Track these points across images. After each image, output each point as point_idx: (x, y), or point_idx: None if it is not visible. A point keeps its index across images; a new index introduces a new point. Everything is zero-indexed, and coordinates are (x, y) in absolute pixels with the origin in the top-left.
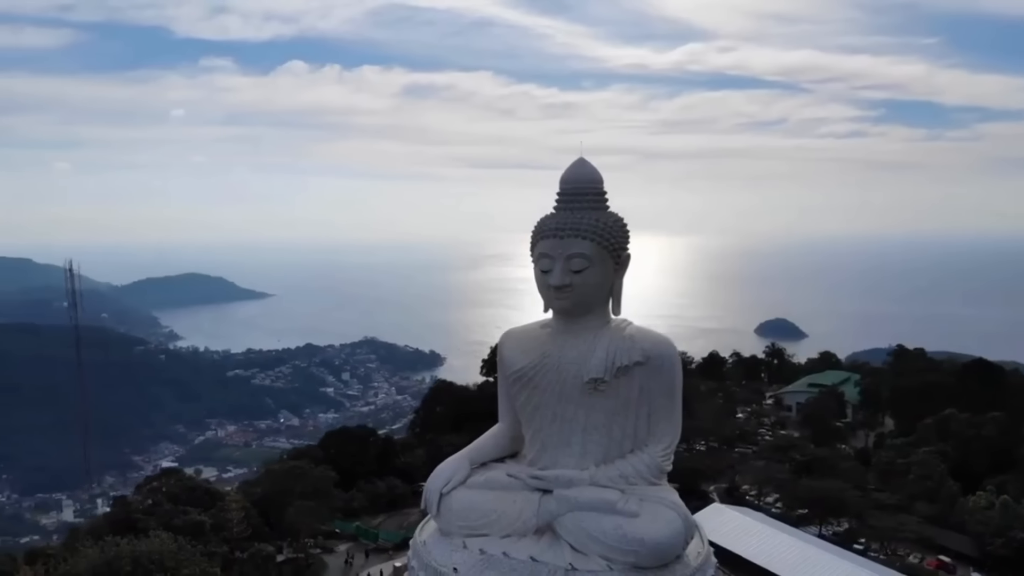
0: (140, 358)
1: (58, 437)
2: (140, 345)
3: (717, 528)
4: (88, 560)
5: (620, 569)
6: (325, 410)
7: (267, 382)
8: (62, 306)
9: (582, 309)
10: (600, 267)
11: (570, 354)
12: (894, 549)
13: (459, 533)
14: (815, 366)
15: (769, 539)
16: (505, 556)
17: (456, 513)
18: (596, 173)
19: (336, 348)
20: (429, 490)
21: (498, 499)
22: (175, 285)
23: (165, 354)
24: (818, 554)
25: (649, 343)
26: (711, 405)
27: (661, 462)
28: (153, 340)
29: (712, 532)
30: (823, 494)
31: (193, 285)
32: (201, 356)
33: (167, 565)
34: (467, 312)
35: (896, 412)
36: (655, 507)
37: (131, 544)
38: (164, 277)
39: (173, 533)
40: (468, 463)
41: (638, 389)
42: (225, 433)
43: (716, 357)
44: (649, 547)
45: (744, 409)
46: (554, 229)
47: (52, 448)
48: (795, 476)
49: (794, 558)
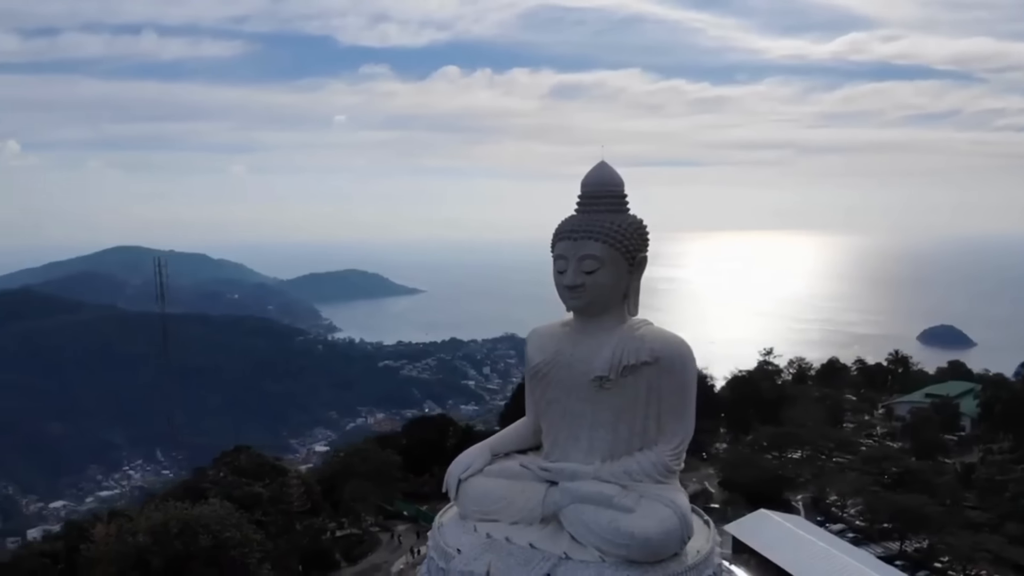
0: (300, 347)
1: (222, 417)
2: (300, 335)
3: (753, 533)
4: (148, 521)
5: (613, 561)
6: (466, 402)
7: (414, 373)
8: (233, 298)
9: (596, 309)
10: (612, 268)
11: (581, 352)
12: (972, 569)
13: (474, 517)
14: (943, 376)
15: (803, 547)
16: (507, 541)
17: (472, 499)
18: (616, 177)
19: (478, 343)
20: (449, 475)
21: (510, 487)
22: (336, 280)
23: (323, 344)
24: (850, 566)
25: (659, 343)
26: (814, 413)
27: (669, 461)
28: (313, 331)
29: (748, 537)
30: (904, 508)
31: (352, 280)
32: (355, 347)
33: (212, 528)
34: None
35: (1012, 428)
36: (652, 504)
37: (186, 509)
38: (326, 273)
39: (231, 502)
40: (489, 452)
41: (646, 388)
42: (374, 420)
43: (836, 364)
44: (639, 541)
45: (855, 418)
46: (569, 231)
47: (217, 427)
48: (885, 489)
49: (821, 568)
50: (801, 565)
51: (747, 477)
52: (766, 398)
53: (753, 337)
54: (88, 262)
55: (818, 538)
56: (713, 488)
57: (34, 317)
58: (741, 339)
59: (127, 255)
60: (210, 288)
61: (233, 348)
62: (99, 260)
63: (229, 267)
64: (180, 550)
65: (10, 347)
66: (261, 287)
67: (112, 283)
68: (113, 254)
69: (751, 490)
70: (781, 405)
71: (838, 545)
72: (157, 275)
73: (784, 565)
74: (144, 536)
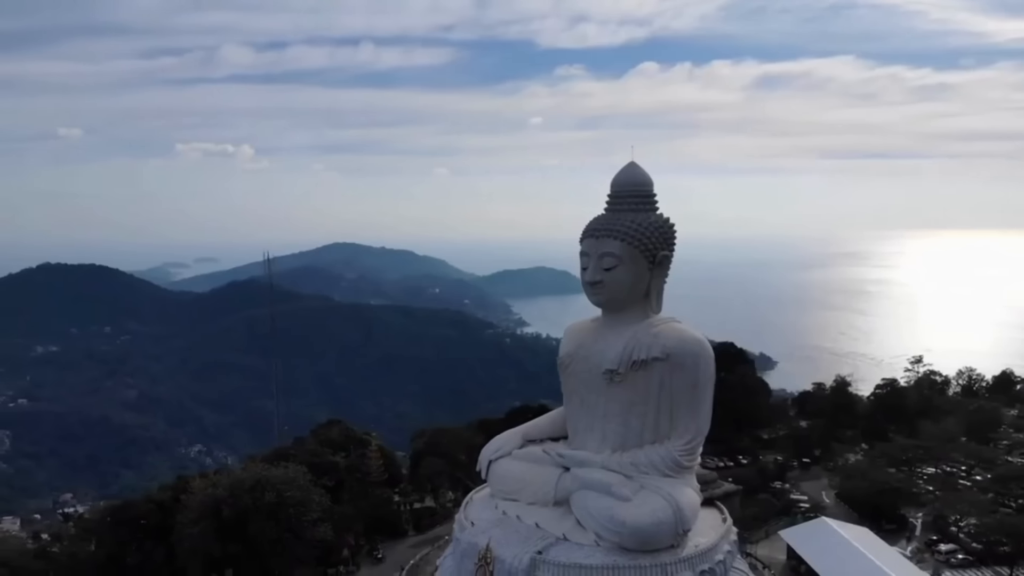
0: (490, 340)
1: (417, 402)
2: (490, 329)
3: (806, 540)
4: (231, 479)
5: (607, 546)
6: None
7: None
8: (434, 292)
9: (617, 305)
10: (631, 266)
11: (598, 346)
12: None
13: (499, 496)
14: None
15: (847, 559)
16: (517, 519)
17: (498, 478)
18: (643, 177)
19: None
20: (482, 457)
21: (529, 470)
22: (527, 277)
23: (510, 338)
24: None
25: (673, 341)
26: (961, 427)
27: (679, 456)
28: (502, 325)
29: (800, 543)
30: (1018, 532)
31: (541, 277)
32: (541, 342)
33: (278, 487)
34: (808, 315)
35: None
36: (649, 495)
37: (264, 470)
38: (518, 269)
39: (309, 468)
40: (520, 438)
41: (658, 384)
42: None
43: (1011, 377)
44: (630, 530)
45: (1014, 436)
46: (592, 229)
47: (416, 411)
48: (1018, 512)
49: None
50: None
51: (861, 489)
52: (911, 409)
53: (980, 347)
54: (309, 257)
55: (872, 551)
56: (829, 499)
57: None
58: (961, 349)
59: (343, 251)
60: (414, 283)
61: (430, 339)
62: (318, 256)
63: (432, 263)
64: (249, 504)
65: (237, 332)
66: (459, 283)
67: (328, 276)
68: (331, 250)
69: (867, 502)
70: (925, 416)
71: (892, 560)
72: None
73: (822, 573)
74: (223, 490)
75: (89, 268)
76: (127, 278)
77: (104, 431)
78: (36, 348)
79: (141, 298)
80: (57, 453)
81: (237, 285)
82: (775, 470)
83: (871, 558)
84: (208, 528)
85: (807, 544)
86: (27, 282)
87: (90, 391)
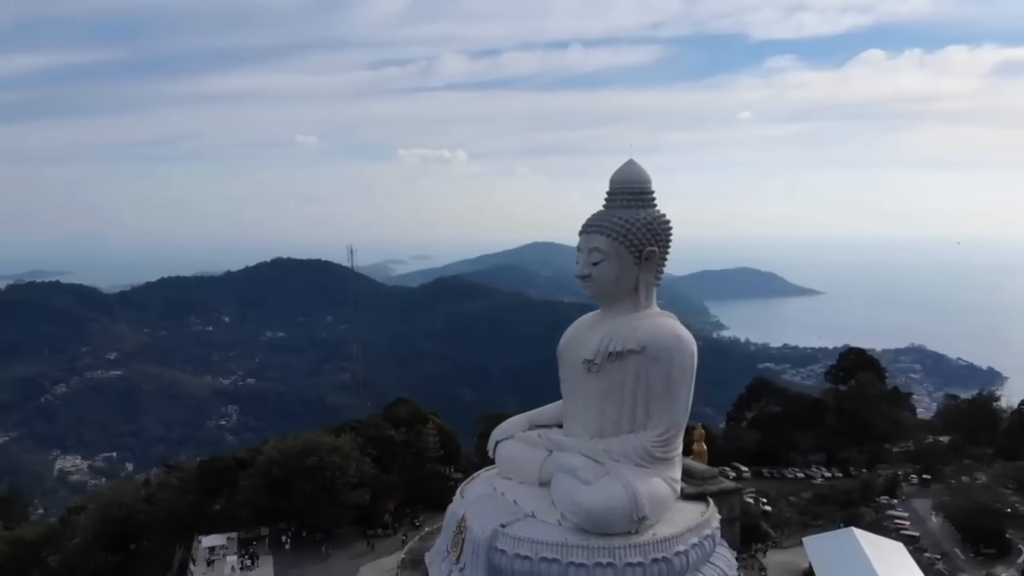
0: None
1: None
2: None
3: (825, 550)
4: (284, 443)
5: (567, 527)
6: None
7: (796, 379)
8: None
9: (608, 298)
10: (616, 261)
11: (585, 337)
12: None
13: (502, 475)
14: None
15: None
16: (502, 495)
17: (501, 459)
18: (639, 174)
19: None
20: (491, 438)
21: (524, 452)
22: (728, 278)
23: (703, 341)
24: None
25: (649, 335)
26: None
27: (651, 447)
28: (697, 327)
29: (817, 552)
30: None
31: (744, 278)
32: (738, 346)
33: (322, 453)
34: None
35: None
36: (609, 481)
37: (317, 437)
38: (720, 270)
39: (366, 440)
40: (527, 422)
41: (634, 376)
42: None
43: None
44: (583, 511)
45: None
46: (584, 225)
47: None
48: None
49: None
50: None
51: (965, 509)
52: None
53: None
54: (511, 256)
55: (888, 569)
56: (937, 518)
57: (459, 300)
58: None
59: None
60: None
61: None
62: (519, 254)
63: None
64: (295, 465)
65: (439, 324)
66: None
67: (526, 274)
68: (531, 249)
69: (969, 523)
70: None
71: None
72: None
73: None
74: (277, 452)
75: (316, 263)
76: (350, 272)
77: (319, 410)
78: (266, 333)
79: (360, 291)
80: (277, 428)
81: (443, 281)
82: (884, 484)
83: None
84: (260, 483)
85: (822, 554)
86: (262, 275)
87: (310, 373)
